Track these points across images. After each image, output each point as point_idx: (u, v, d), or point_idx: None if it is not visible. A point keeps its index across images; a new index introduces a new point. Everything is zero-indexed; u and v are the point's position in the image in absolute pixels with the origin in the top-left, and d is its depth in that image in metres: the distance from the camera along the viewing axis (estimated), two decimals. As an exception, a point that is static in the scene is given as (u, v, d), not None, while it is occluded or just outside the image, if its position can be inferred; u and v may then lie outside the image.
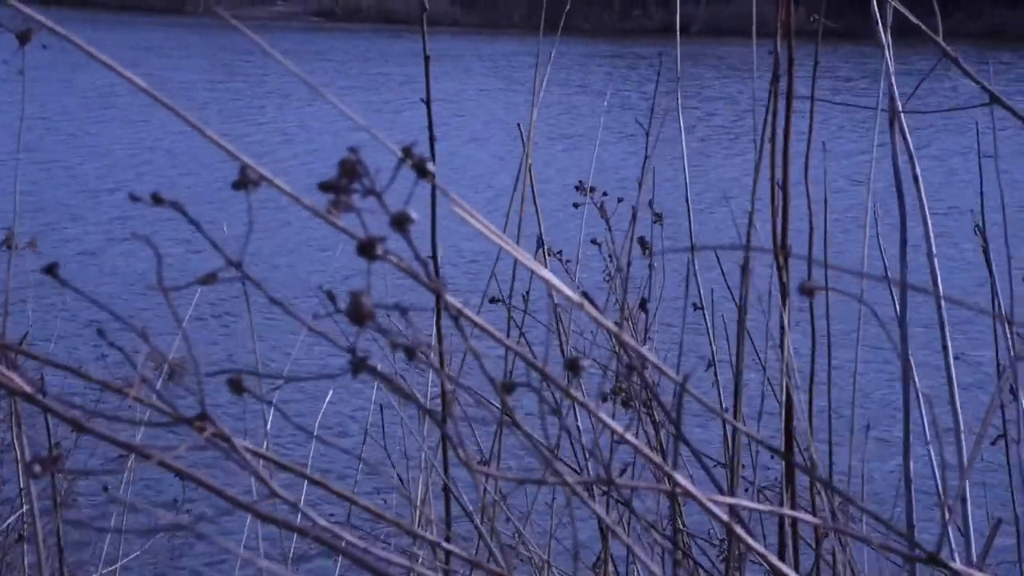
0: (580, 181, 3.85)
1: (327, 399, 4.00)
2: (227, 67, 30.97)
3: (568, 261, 3.78)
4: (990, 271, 2.73)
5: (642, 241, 3.67)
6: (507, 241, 1.02)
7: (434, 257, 2.55)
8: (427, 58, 2.61)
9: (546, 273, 1.05)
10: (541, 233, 3.48)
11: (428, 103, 2.59)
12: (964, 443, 2.18)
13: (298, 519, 0.90)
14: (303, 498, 0.96)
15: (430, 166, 0.85)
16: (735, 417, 2.51)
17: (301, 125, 22.95)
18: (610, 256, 3.76)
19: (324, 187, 0.81)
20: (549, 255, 3.69)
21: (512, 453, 3.56)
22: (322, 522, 0.88)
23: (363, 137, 0.99)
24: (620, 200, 3.74)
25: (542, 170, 3.83)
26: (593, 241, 3.75)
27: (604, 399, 3.15)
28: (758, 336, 2.92)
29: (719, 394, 3.24)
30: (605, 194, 3.76)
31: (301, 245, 14.60)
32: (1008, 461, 2.33)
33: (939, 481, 2.19)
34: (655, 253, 3.68)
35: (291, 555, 3.69)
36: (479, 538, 2.14)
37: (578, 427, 3.26)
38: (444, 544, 1.17)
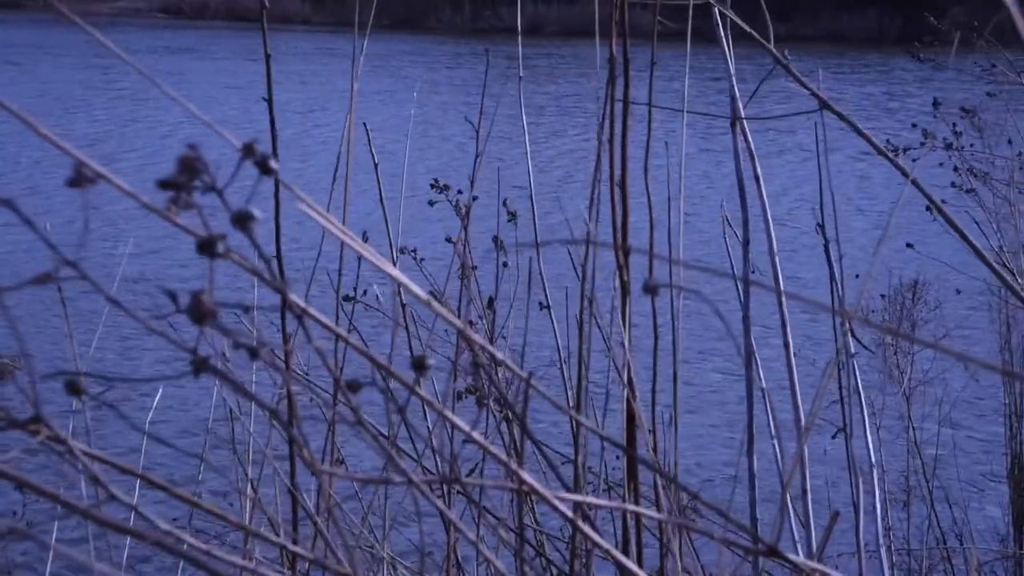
0: (435, 179, 3.85)
1: (157, 398, 3.95)
2: (99, 66, 30.36)
3: (422, 259, 3.77)
4: (830, 268, 2.79)
5: (496, 239, 3.69)
6: (353, 237, 1.02)
7: (278, 255, 2.53)
8: (268, 56, 2.59)
9: (392, 270, 1.05)
10: (388, 231, 3.47)
11: (270, 101, 2.57)
12: (804, 439, 2.22)
13: (134, 522, 0.88)
14: (136, 500, 0.95)
15: (272, 163, 0.84)
16: (579, 414, 2.53)
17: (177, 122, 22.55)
18: (462, 254, 3.76)
19: (163, 184, 0.80)
20: (402, 252, 3.68)
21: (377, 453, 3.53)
22: (163, 525, 0.87)
23: (243, 134, 0.98)
24: (475, 198, 3.75)
25: (394, 169, 3.83)
26: (448, 239, 3.75)
27: (459, 397, 3.15)
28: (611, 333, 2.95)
29: (566, 392, 3.27)
30: (460, 192, 3.77)
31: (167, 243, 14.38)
32: (848, 454, 2.39)
33: (780, 475, 2.23)
34: (506, 250, 3.70)
35: (126, 558, 3.63)
36: (322, 538, 2.13)
37: (428, 427, 3.26)
38: (290, 546, 1.16)
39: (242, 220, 0.81)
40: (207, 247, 0.80)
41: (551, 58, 31.08)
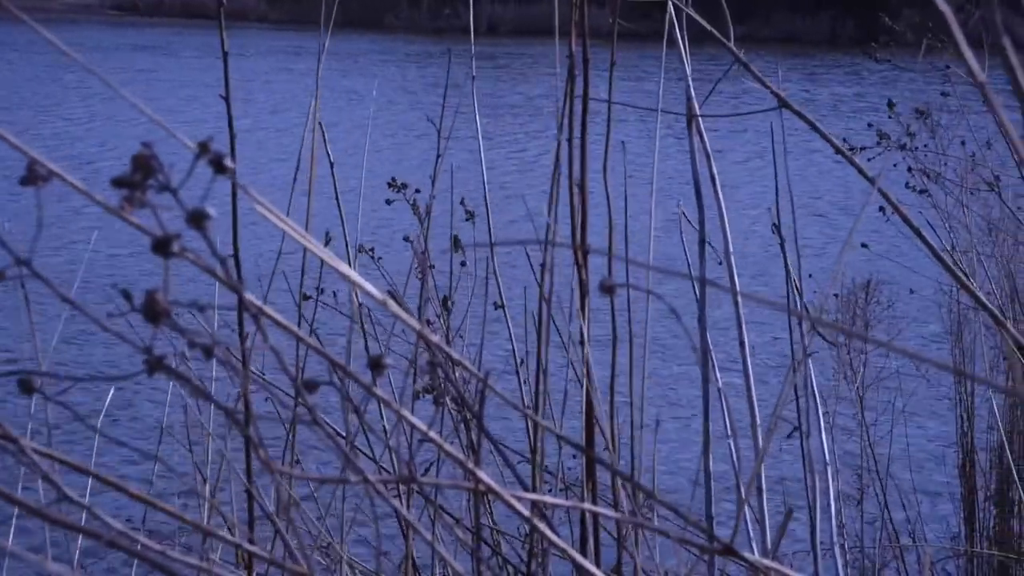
0: (393, 178, 3.85)
1: (110, 396, 3.92)
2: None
3: (380, 258, 3.77)
4: (787, 267, 2.80)
5: (455, 239, 3.68)
6: (308, 238, 1.01)
7: (235, 255, 2.52)
8: (226, 54, 2.58)
9: (347, 269, 1.05)
10: (344, 230, 3.46)
11: (228, 100, 2.56)
12: (760, 436, 2.23)
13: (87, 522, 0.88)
14: (86, 499, 0.94)
15: (227, 162, 0.84)
16: (537, 413, 2.54)
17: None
18: (422, 253, 3.76)
19: (117, 183, 0.79)
20: (360, 251, 3.68)
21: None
22: (116, 525, 0.86)
23: (197, 132, 0.98)
24: (433, 197, 3.75)
25: (353, 168, 3.82)
26: (405, 238, 3.75)
27: (417, 396, 3.15)
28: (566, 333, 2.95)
29: (521, 392, 3.27)
30: (418, 191, 3.76)
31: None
32: (803, 452, 2.40)
33: (736, 474, 2.24)
34: (465, 249, 3.69)
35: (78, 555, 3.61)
36: (281, 539, 2.13)
37: (384, 427, 3.26)
38: (245, 545, 1.16)
39: (197, 219, 0.81)
40: (161, 246, 0.80)
41: (522, 58, 31.09)
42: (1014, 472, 5.95)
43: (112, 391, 3.93)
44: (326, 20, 3.27)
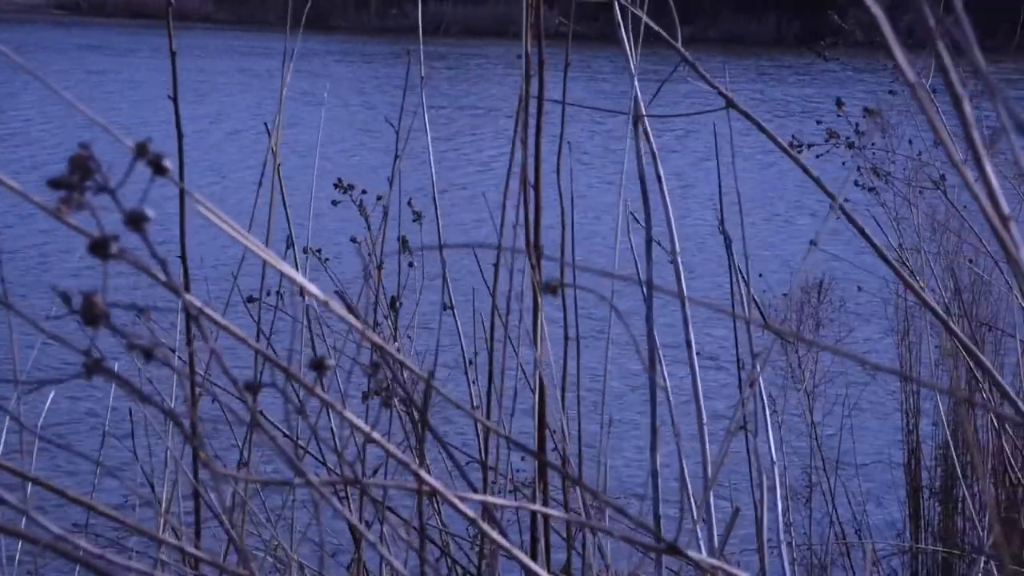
0: (339, 179, 3.83)
1: (49, 401, 3.89)
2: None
3: (327, 260, 3.75)
4: (731, 269, 2.82)
5: (403, 240, 3.67)
6: (250, 239, 1.01)
7: (183, 256, 2.50)
8: (173, 54, 2.57)
9: (290, 270, 1.04)
10: (291, 231, 3.45)
11: (175, 100, 2.54)
12: (706, 437, 2.24)
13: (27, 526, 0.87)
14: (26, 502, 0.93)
15: (166, 163, 0.83)
16: (488, 415, 2.54)
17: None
18: (369, 254, 3.75)
19: (54, 184, 0.78)
20: (306, 252, 3.66)
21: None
22: (55, 529, 0.85)
23: (141, 133, 0.97)
24: (379, 198, 3.74)
25: (303, 170, 3.81)
26: (352, 239, 3.74)
27: (364, 398, 3.14)
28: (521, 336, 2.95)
29: (470, 393, 3.27)
30: (364, 192, 3.75)
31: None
32: (748, 452, 2.42)
33: (682, 475, 2.25)
34: (415, 251, 3.69)
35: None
36: (230, 541, 2.12)
37: (332, 428, 3.25)
38: (190, 549, 1.15)
39: (135, 220, 0.80)
40: (98, 248, 0.79)
41: (475, 58, 31.02)
42: (958, 469, 6.01)
43: (52, 394, 3.89)
44: (274, 19, 3.26)
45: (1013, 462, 5.39)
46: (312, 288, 1.08)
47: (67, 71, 28.02)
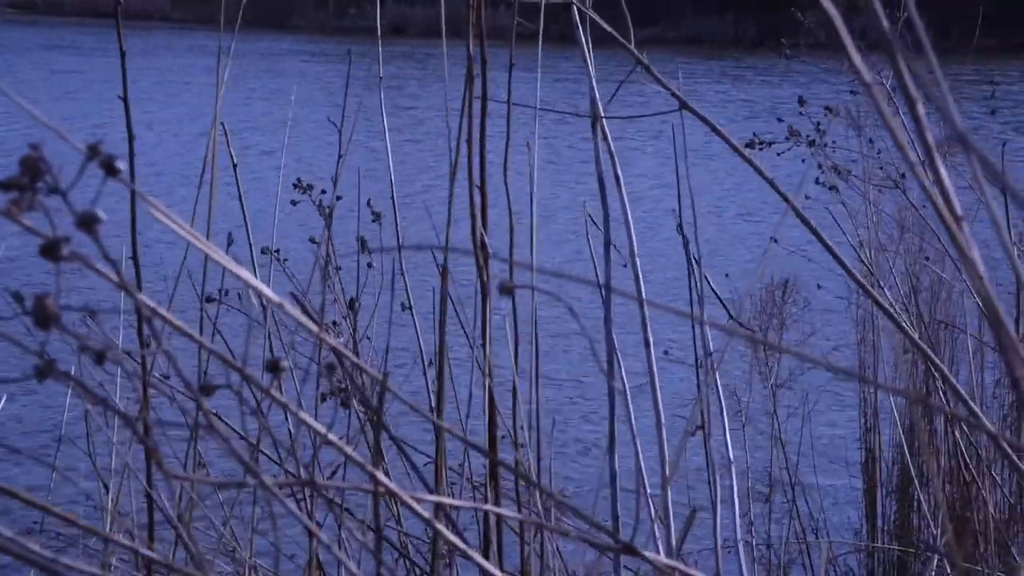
0: (298, 179, 3.82)
1: (2, 403, 3.86)
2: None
3: (285, 260, 3.74)
4: (690, 271, 2.83)
5: (362, 241, 3.67)
6: (201, 240, 1.00)
7: (135, 257, 2.49)
8: (123, 53, 2.55)
9: (243, 272, 1.04)
10: (248, 232, 3.44)
11: (125, 100, 2.53)
12: (664, 438, 2.25)
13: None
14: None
15: (119, 164, 0.83)
16: (439, 415, 2.54)
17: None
18: (326, 256, 3.74)
19: (3, 186, 0.78)
20: (264, 253, 3.65)
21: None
22: (6, 532, 0.85)
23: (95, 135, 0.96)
24: (339, 198, 3.73)
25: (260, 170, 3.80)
26: (311, 240, 3.73)
27: (323, 399, 3.13)
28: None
29: (428, 393, 3.27)
30: (324, 192, 3.75)
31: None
32: (706, 452, 2.42)
33: (638, 475, 2.26)
34: (372, 252, 3.68)
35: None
36: (181, 543, 2.11)
37: (290, 430, 3.24)
38: (143, 550, 1.15)
39: (86, 221, 0.80)
40: (50, 250, 0.79)
41: (437, 58, 30.91)
42: (911, 469, 6.05)
43: (4, 397, 3.87)
44: (231, 19, 3.25)
45: (968, 460, 5.43)
46: (265, 289, 1.08)
47: (32, 70, 27.82)
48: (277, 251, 3.74)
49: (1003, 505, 5.58)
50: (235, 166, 3.22)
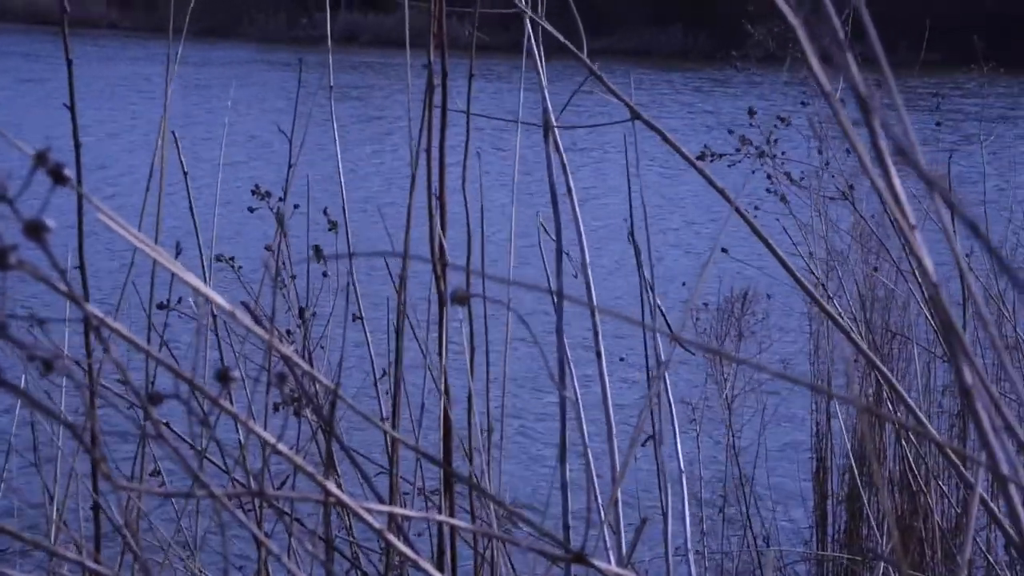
0: (256, 185, 3.80)
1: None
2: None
3: (240, 267, 3.72)
4: (641, 279, 2.83)
5: (317, 249, 3.65)
6: (153, 246, 1.00)
7: (81, 266, 2.47)
8: (70, 62, 2.53)
9: (194, 279, 1.03)
10: (198, 237, 3.42)
11: (72, 108, 2.51)
12: (616, 447, 2.25)
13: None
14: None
15: (67, 172, 0.82)
16: (394, 425, 2.53)
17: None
18: (283, 263, 3.72)
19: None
20: (218, 260, 3.63)
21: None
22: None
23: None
24: (296, 207, 3.71)
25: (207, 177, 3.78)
26: (267, 247, 3.71)
27: (276, 409, 3.12)
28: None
29: (381, 403, 3.25)
30: (281, 199, 3.73)
31: None
32: (657, 462, 2.43)
33: (589, 485, 2.26)
34: (326, 259, 3.67)
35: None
36: (129, 554, 2.09)
37: (240, 440, 3.22)
38: (88, 563, 1.13)
39: (34, 230, 0.79)
40: (-4, 257, 0.78)
41: (394, 67, 30.85)
42: (858, 479, 6.09)
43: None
44: (179, 28, 3.23)
45: (916, 471, 5.47)
46: (217, 298, 1.07)
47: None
48: (231, 259, 3.72)
49: (950, 515, 5.63)
50: (186, 174, 3.20)
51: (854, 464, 6.13)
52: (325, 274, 3.66)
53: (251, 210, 3.79)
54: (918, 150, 0.92)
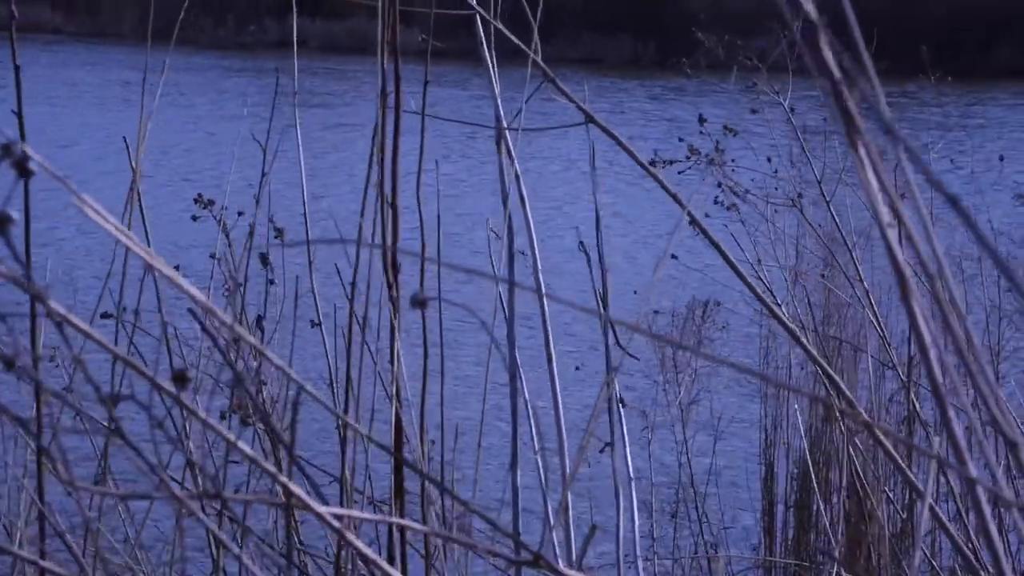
0: (199, 194, 3.79)
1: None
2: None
3: (187, 276, 3.70)
4: (594, 283, 2.85)
5: (263, 257, 3.65)
6: (133, 239, 1.00)
7: (27, 260, 2.45)
8: (17, 68, 2.52)
9: (173, 273, 1.04)
10: (147, 235, 3.40)
11: (20, 115, 2.50)
12: (567, 452, 2.26)
13: None
14: None
15: (31, 165, 0.82)
16: (346, 429, 2.53)
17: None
18: (229, 272, 3.71)
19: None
20: (177, 269, 3.61)
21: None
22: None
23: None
24: (240, 214, 3.70)
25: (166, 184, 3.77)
26: (212, 255, 3.70)
27: (223, 416, 3.10)
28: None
29: (334, 408, 3.25)
30: (225, 208, 3.72)
31: None
32: (613, 467, 2.44)
33: (543, 490, 2.27)
34: (272, 268, 3.66)
35: None
36: (72, 556, 2.08)
37: (206, 443, 3.21)
38: (41, 562, 1.13)
39: (-2, 227, 0.79)
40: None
41: (355, 74, 30.74)
42: (813, 482, 6.13)
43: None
44: (128, 32, 3.22)
45: (863, 477, 5.52)
46: (195, 291, 1.07)
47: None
48: (177, 267, 3.70)
49: (895, 520, 5.68)
50: (134, 179, 3.19)
51: (810, 466, 6.17)
52: (271, 282, 3.64)
53: (194, 219, 3.78)
54: (897, 133, 0.93)
